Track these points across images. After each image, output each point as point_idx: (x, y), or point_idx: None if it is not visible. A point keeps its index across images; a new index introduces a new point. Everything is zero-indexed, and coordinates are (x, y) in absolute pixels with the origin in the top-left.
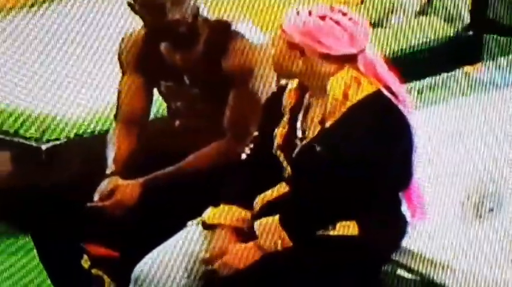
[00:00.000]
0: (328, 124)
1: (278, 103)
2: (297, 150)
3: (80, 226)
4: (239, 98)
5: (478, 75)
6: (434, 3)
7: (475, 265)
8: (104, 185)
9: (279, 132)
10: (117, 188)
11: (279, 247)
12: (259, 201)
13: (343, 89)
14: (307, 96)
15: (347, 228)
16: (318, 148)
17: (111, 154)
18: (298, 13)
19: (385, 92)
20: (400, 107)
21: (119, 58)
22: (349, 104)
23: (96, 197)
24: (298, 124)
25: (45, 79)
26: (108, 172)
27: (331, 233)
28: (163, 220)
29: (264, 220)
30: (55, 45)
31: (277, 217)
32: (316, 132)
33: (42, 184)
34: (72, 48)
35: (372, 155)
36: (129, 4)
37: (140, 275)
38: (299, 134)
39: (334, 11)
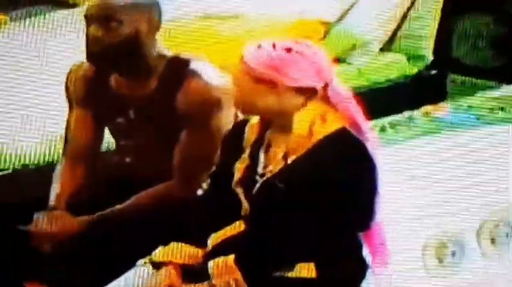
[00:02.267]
0: (290, 160)
1: (239, 137)
2: (257, 186)
3: (21, 263)
4: (190, 140)
5: (441, 115)
6: (396, 40)
7: None
8: (43, 215)
9: (239, 167)
10: (60, 218)
11: None
12: (213, 239)
13: (308, 125)
14: (270, 130)
15: (305, 270)
16: (280, 185)
17: (54, 192)
18: (259, 46)
19: (351, 130)
20: (366, 144)
21: (66, 91)
22: (313, 140)
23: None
24: (260, 159)
25: None
26: (49, 205)
27: (289, 275)
28: (111, 260)
29: (217, 259)
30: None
31: (231, 256)
32: (278, 169)
33: None
34: (20, 77)
35: (334, 194)
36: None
37: None
38: (260, 169)
39: (299, 43)
